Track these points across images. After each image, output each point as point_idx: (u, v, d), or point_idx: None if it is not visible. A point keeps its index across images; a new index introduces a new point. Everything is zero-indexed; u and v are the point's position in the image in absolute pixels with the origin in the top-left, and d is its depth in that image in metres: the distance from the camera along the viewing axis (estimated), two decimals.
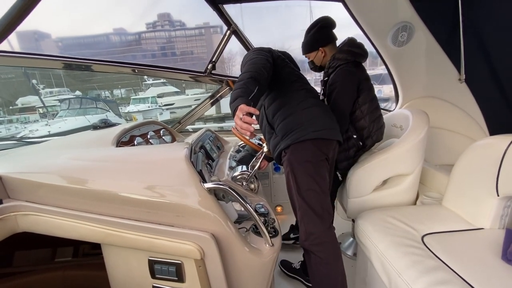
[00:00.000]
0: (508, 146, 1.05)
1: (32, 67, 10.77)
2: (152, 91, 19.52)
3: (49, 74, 21.94)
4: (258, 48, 1.27)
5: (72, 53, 1.80)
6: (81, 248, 1.56)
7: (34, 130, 9.22)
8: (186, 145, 0.95)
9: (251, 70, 1.09)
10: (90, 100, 12.24)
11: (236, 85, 1.04)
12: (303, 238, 1.15)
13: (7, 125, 12.94)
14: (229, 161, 1.51)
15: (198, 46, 36.34)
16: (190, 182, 0.79)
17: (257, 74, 1.08)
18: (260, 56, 1.18)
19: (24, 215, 0.83)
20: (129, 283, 0.87)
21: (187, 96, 19.97)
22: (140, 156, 0.93)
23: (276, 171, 2.30)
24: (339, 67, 1.40)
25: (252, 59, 1.17)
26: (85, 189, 0.81)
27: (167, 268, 0.78)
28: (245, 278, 0.82)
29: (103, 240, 0.81)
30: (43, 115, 14.65)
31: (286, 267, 1.60)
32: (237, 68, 1.54)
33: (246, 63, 1.16)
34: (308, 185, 1.12)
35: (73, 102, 12.02)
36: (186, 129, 2.41)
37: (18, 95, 18.67)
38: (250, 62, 1.15)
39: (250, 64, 1.13)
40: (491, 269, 0.89)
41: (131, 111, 15.15)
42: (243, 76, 1.07)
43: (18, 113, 16.65)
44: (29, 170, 0.89)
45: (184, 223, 0.76)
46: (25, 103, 17.93)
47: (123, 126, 1.45)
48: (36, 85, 16.77)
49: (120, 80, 26.54)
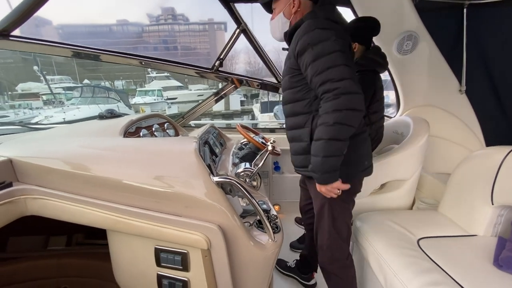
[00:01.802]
0: (505, 157, 1.09)
1: (39, 54, 10.65)
2: (155, 84, 19.49)
3: (51, 61, 21.75)
4: (336, 34, 0.91)
5: (75, 41, 1.80)
6: (74, 237, 1.57)
7: (49, 117, 9.37)
8: (195, 139, 0.98)
9: (350, 122, 0.89)
10: (103, 90, 12.28)
11: (332, 147, 0.90)
12: (327, 262, 1.15)
13: (15, 109, 12.98)
14: (232, 157, 1.53)
15: (201, 41, 36.17)
16: (199, 174, 0.81)
17: (356, 123, 0.91)
18: (350, 68, 0.90)
19: (34, 199, 0.85)
20: (133, 270, 0.89)
21: (190, 92, 19.94)
22: (150, 147, 0.95)
23: (276, 171, 2.33)
24: (358, 73, 1.41)
25: (344, 75, 0.88)
26: (95, 177, 0.83)
27: (172, 257, 0.80)
28: (248, 271, 0.84)
29: (111, 227, 0.83)
30: (47, 102, 14.66)
31: (281, 266, 1.63)
32: (240, 66, 1.54)
33: (330, 79, 0.88)
34: (344, 218, 1.12)
35: (85, 90, 12.06)
36: (189, 124, 2.43)
37: (18, 81, 18.48)
38: (341, 86, 0.87)
39: (346, 98, 0.87)
40: (483, 273, 0.93)
41: (137, 103, 15.14)
42: (341, 132, 0.89)
43: (18, 98, 16.54)
44: (39, 155, 0.90)
45: (192, 214, 0.79)
46: (25, 89, 17.78)
47: (129, 117, 1.47)
48: (38, 72, 16.69)
49: (121, 71, 26.39)
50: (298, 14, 1.05)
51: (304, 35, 0.94)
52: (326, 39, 0.90)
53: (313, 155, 0.96)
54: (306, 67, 0.95)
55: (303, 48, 0.94)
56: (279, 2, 1.09)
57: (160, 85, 18.93)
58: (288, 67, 1.06)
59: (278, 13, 1.09)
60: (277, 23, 1.11)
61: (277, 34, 1.14)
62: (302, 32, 0.95)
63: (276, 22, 1.11)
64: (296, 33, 0.99)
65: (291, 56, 1.02)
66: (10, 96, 15.90)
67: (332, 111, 0.88)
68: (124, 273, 0.92)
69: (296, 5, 1.04)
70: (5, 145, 0.99)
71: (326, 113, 0.90)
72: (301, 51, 0.95)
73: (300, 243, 1.86)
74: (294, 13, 1.05)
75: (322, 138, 0.91)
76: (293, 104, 1.08)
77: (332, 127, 0.89)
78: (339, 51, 0.89)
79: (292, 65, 1.03)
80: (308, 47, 0.92)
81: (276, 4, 1.10)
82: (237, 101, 18.67)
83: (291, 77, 1.05)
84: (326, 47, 0.90)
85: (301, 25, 0.98)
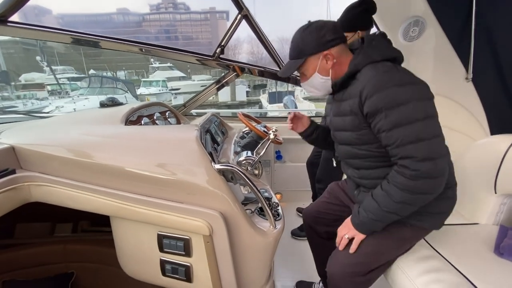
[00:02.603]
0: (510, 146, 1.08)
1: (38, 40, 10.50)
2: (158, 75, 19.43)
3: (53, 51, 21.69)
4: (418, 91, 0.78)
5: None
6: (79, 224, 1.61)
7: (60, 107, 9.54)
8: (196, 127, 0.97)
9: (418, 205, 0.81)
10: (110, 80, 12.34)
11: (401, 210, 0.82)
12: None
13: (23, 100, 13.06)
14: (233, 146, 1.53)
15: (203, 31, 35.64)
16: (200, 162, 0.82)
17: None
18: (438, 138, 0.78)
19: (38, 186, 0.86)
20: (137, 256, 0.91)
21: (193, 82, 19.87)
22: (151, 135, 0.95)
23: (278, 159, 2.33)
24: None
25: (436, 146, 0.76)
26: (98, 164, 0.83)
27: (175, 242, 0.81)
28: (249, 256, 0.86)
29: (115, 213, 0.84)
30: (52, 93, 14.76)
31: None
32: (243, 57, 1.51)
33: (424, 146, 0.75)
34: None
35: (93, 80, 12.13)
36: (190, 113, 2.42)
37: (19, 71, 18.48)
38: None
39: (424, 183, 0.76)
40: (483, 261, 0.94)
41: (143, 94, 15.16)
42: (403, 211, 0.82)
43: (22, 89, 16.65)
44: (41, 143, 0.91)
45: (193, 201, 0.79)
46: (28, 80, 17.81)
47: (130, 105, 1.47)
48: (41, 62, 16.72)
49: (124, 62, 26.22)
50: (338, 66, 0.90)
51: (375, 93, 0.77)
52: (405, 102, 0.74)
53: (373, 198, 0.86)
54: (379, 132, 0.80)
55: (375, 111, 0.78)
56: (308, 64, 0.91)
57: (163, 75, 18.88)
58: (350, 124, 0.89)
59: (311, 74, 0.93)
60: (314, 85, 0.96)
61: (319, 93, 0.99)
62: (371, 88, 0.78)
63: (313, 85, 0.96)
64: (356, 85, 0.84)
65: (355, 111, 0.85)
66: (14, 87, 15.98)
67: (403, 189, 0.78)
68: (128, 258, 0.94)
69: (331, 58, 0.88)
70: (7, 133, 0.99)
71: (395, 185, 0.79)
72: (372, 114, 0.79)
73: (301, 230, 1.87)
74: (333, 67, 0.89)
75: (387, 196, 0.82)
76: (360, 161, 0.95)
77: (396, 204, 0.80)
78: (425, 119, 0.75)
79: (357, 122, 0.86)
80: (381, 111, 0.77)
81: (305, 68, 0.93)
82: (243, 91, 18.56)
83: (358, 134, 0.89)
84: (406, 114, 0.75)
85: (360, 74, 0.84)
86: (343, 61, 0.90)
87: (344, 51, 0.90)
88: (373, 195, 0.86)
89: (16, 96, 14.82)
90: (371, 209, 0.85)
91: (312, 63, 0.90)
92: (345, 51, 0.91)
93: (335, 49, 0.88)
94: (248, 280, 0.89)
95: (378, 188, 0.86)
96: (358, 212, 0.91)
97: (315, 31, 0.88)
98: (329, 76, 0.91)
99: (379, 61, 0.84)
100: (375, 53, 0.85)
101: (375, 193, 0.86)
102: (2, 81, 15.19)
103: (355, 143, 0.92)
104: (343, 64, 0.90)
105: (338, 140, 1.01)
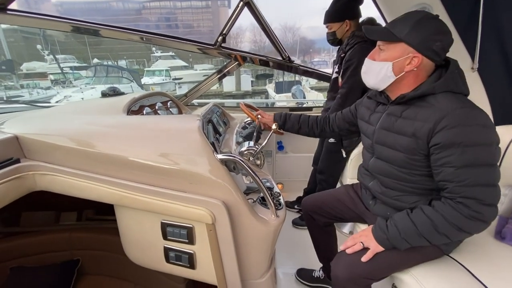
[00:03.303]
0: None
1: (42, 33, 10.49)
2: (160, 64, 19.27)
3: (54, 40, 21.46)
4: (497, 135, 0.76)
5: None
6: (84, 213, 1.63)
7: (68, 96, 9.60)
8: (198, 117, 0.97)
9: (455, 239, 0.82)
10: (116, 69, 12.27)
11: (434, 237, 0.80)
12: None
13: (29, 89, 13.11)
14: (235, 136, 1.53)
15: (204, 19, 34.99)
16: (203, 152, 0.82)
17: None
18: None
19: (42, 175, 0.86)
20: (141, 243, 0.93)
21: (196, 72, 19.73)
22: (154, 124, 0.95)
23: (280, 150, 2.33)
24: (357, 44, 1.41)
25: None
26: (100, 153, 0.84)
27: (178, 231, 0.83)
28: (251, 245, 0.87)
29: (118, 202, 0.85)
30: (56, 82, 14.74)
31: (307, 279, 1.43)
32: (245, 45, 1.49)
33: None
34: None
35: (99, 69, 12.08)
36: (192, 103, 2.41)
37: (20, 60, 18.34)
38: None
39: (478, 225, 0.76)
40: (482, 247, 0.96)
41: (146, 83, 15.12)
42: (440, 240, 0.80)
43: (24, 78, 16.59)
44: (45, 132, 0.91)
45: (196, 190, 0.80)
46: (30, 69, 17.72)
47: (132, 95, 1.46)
48: (42, 51, 16.58)
49: (125, 50, 25.92)
50: (413, 77, 0.83)
51: (458, 126, 0.73)
52: (486, 144, 0.73)
53: (410, 219, 0.83)
54: (444, 165, 0.76)
55: (451, 144, 0.74)
56: (393, 47, 0.83)
57: (165, 65, 18.72)
58: (405, 145, 0.84)
59: (385, 59, 0.85)
60: (378, 70, 0.86)
61: (371, 81, 0.91)
62: (454, 120, 0.73)
63: (377, 69, 0.87)
64: (429, 110, 0.78)
65: (419, 135, 0.79)
66: (15, 76, 15.88)
67: (452, 224, 0.76)
68: (132, 246, 0.96)
69: (414, 64, 0.80)
70: (10, 123, 0.99)
71: (444, 217, 0.76)
72: (445, 146, 0.74)
73: (302, 220, 1.90)
74: (407, 72, 0.82)
75: (430, 223, 0.79)
76: (393, 181, 0.92)
77: (437, 234, 0.78)
78: (496, 165, 0.74)
79: (415, 146, 0.81)
80: (459, 146, 0.73)
81: (388, 47, 0.84)
82: (248, 81, 18.37)
83: (409, 157, 0.84)
84: (483, 157, 0.73)
85: (436, 99, 0.78)
86: (419, 76, 0.84)
87: (428, 69, 0.84)
88: (412, 217, 0.82)
89: (21, 86, 14.79)
90: (406, 229, 0.82)
91: (399, 51, 0.82)
92: (428, 71, 0.84)
93: (428, 61, 0.81)
94: (250, 267, 0.91)
95: (419, 211, 0.82)
96: (386, 227, 0.86)
97: (434, 30, 0.79)
98: (395, 76, 0.84)
99: (458, 93, 0.80)
100: (458, 84, 0.80)
101: (415, 216, 0.82)
102: (7, 69, 14.97)
103: (399, 165, 0.87)
104: (416, 78, 0.84)
105: (378, 154, 0.95)
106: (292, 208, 2.09)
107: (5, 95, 11.96)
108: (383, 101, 0.95)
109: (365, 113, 1.04)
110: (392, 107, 0.90)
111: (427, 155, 0.80)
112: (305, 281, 1.43)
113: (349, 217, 1.17)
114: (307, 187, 2.07)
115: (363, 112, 1.06)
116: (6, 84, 14.83)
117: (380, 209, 0.99)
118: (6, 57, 18.36)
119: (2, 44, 17.97)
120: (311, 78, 2.43)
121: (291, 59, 2.18)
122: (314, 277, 1.42)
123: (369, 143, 0.99)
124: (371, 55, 0.90)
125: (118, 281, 1.45)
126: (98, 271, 1.50)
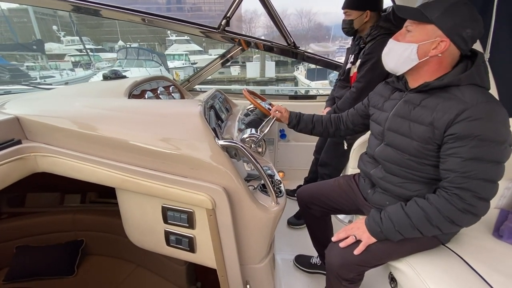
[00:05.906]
0: None
1: (50, 13, 10.28)
2: (175, 48, 19.13)
3: (68, 21, 21.17)
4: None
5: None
6: (88, 195, 1.66)
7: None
8: (200, 102, 0.96)
9: (446, 231, 0.83)
10: (147, 52, 12.17)
11: (427, 229, 0.81)
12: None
13: (60, 70, 13.24)
14: (237, 123, 1.52)
15: (216, 2, 33.86)
16: (204, 137, 0.81)
17: None
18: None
19: (43, 156, 0.87)
20: (142, 226, 0.94)
21: (210, 56, 19.58)
22: (155, 109, 0.94)
23: (282, 138, 2.32)
24: (379, 36, 1.32)
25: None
26: (102, 136, 0.84)
27: (179, 215, 0.84)
28: (251, 231, 0.88)
29: (119, 185, 0.85)
30: (76, 64, 14.60)
31: (305, 265, 1.46)
32: (259, 31, 1.43)
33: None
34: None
35: (129, 52, 11.99)
36: (194, 88, 2.38)
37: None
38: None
39: (470, 218, 0.77)
40: (481, 242, 0.95)
41: (170, 68, 15.09)
42: (431, 232, 0.81)
43: (42, 60, 16.45)
44: (46, 114, 0.91)
45: (197, 175, 0.80)
46: (48, 50, 17.57)
47: (133, 79, 1.44)
48: (57, 32, 16.39)
49: (137, 34, 25.40)
50: (436, 63, 0.81)
51: (480, 119, 0.72)
52: (500, 142, 0.72)
53: (405, 212, 0.83)
54: (452, 155, 0.76)
55: (467, 135, 0.73)
56: (422, 29, 0.80)
57: (181, 49, 18.57)
58: (420, 134, 0.82)
59: (410, 41, 0.82)
60: (401, 51, 0.84)
61: (391, 63, 0.89)
62: (478, 112, 0.72)
63: (400, 50, 0.84)
64: (452, 100, 0.77)
65: (436, 125, 0.78)
66: (33, 57, 15.61)
67: (446, 216, 0.76)
68: (133, 229, 0.98)
69: (440, 49, 0.78)
70: (11, 104, 0.99)
71: (438, 210, 0.77)
72: (461, 137, 0.74)
73: (297, 219, 1.85)
74: (431, 57, 0.80)
75: (424, 216, 0.80)
76: (400, 169, 0.90)
77: (430, 226, 0.79)
78: (502, 164, 0.74)
79: (430, 135, 0.80)
80: (474, 139, 0.72)
81: (416, 29, 0.81)
82: (272, 68, 18.02)
83: (422, 146, 0.83)
84: (494, 153, 0.73)
85: (460, 91, 0.77)
86: (442, 63, 0.81)
87: (453, 57, 0.81)
88: (406, 209, 0.83)
89: (41, 67, 14.67)
90: (400, 222, 0.83)
91: (427, 33, 0.79)
92: (452, 60, 0.82)
93: (454, 48, 0.79)
94: (249, 252, 0.92)
95: (413, 203, 0.83)
96: (381, 219, 0.87)
97: (467, 16, 0.76)
98: (419, 59, 0.81)
99: (482, 87, 0.78)
100: (483, 78, 0.79)
101: (410, 208, 0.83)
102: (38, 49, 14.38)
103: (411, 153, 0.86)
104: (440, 66, 0.82)
105: (389, 141, 0.92)
106: (292, 196, 2.07)
107: (39, 75, 11.93)
108: (401, 87, 0.93)
109: (379, 100, 1.02)
110: (411, 94, 0.88)
111: (441, 144, 0.80)
112: (303, 267, 1.46)
113: (347, 208, 1.17)
114: (308, 176, 2.06)
115: (376, 100, 1.04)
116: (36, 64, 14.62)
117: (379, 198, 0.98)
118: (36, 36, 17.99)
119: (33, 23, 17.60)
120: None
121: (296, 45, 2.12)
122: (312, 264, 1.45)
123: (380, 130, 0.97)
124: (395, 36, 0.87)
125: (120, 262, 1.49)
126: (101, 251, 1.54)
